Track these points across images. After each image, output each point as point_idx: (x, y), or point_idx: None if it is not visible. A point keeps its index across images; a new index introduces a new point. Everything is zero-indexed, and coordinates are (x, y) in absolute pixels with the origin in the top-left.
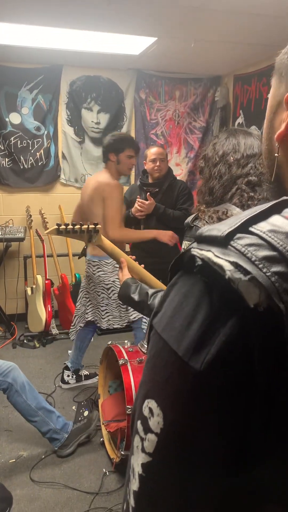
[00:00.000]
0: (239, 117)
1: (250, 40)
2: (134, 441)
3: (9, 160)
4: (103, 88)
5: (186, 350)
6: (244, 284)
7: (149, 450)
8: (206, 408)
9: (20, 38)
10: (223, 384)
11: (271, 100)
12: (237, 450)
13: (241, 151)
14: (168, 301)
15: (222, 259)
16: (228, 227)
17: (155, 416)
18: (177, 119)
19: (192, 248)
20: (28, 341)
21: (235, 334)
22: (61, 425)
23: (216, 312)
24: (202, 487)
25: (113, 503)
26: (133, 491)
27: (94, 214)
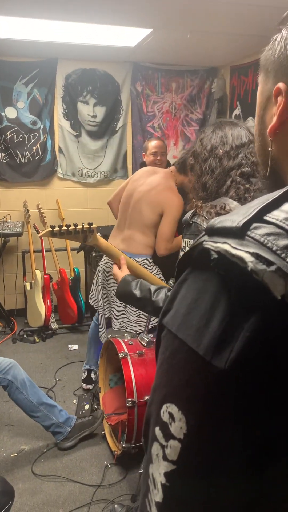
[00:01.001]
0: (236, 109)
1: (246, 31)
2: (153, 449)
3: (6, 155)
4: (99, 81)
5: (207, 348)
6: (269, 275)
7: (172, 457)
8: (231, 408)
9: (14, 31)
10: (248, 381)
11: (259, 97)
12: (264, 449)
13: (229, 142)
14: (179, 299)
15: (241, 250)
16: (243, 217)
17: (177, 421)
18: (174, 111)
19: (204, 242)
20: (28, 336)
21: (259, 329)
22: (64, 419)
23: (236, 306)
24: (230, 492)
25: (115, 495)
26: (155, 502)
27: (143, 216)
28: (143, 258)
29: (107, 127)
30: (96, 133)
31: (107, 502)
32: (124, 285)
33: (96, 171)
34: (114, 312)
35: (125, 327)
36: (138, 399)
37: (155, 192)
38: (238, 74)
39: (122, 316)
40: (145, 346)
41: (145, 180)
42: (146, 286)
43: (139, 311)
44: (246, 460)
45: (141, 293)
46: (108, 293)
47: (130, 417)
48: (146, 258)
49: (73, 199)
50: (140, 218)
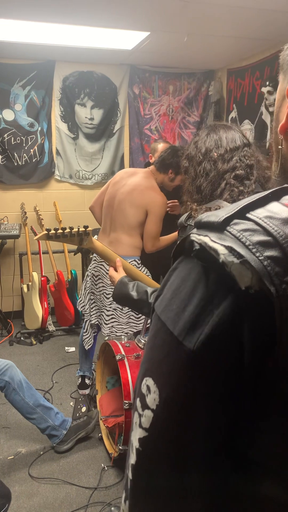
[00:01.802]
0: (233, 111)
1: (243, 34)
2: (134, 418)
3: (3, 157)
4: (97, 83)
5: (181, 330)
6: (236, 267)
7: (146, 425)
8: (198, 386)
9: (12, 34)
10: (215, 363)
11: (278, 95)
12: (229, 426)
13: (224, 145)
14: (168, 285)
15: (217, 243)
16: (226, 213)
17: (152, 393)
18: (171, 114)
19: (191, 234)
20: (25, 338)
21: (227, 315)
22: (59, 422)
23: (210, 294)
24: (196, 463)
25: (112, 497)
26: (131, 464)
27: (127, 217)
28: (132, 260)
29: (104, 130)
30: (94, 135)
31: (104, 504)
32: (121, 287)
33: (93, 173)
34: (104, 317)
35: (115, 331)
36: None
37: (137, 192)
38: (235, 77)
39: (112, 320)
40: (142, 348)
41: (126, 181)
42: (143, 288)
43: (129, 313)
44: (214, 437)
45: (138, 294)
46: (97, 298)
47: (127, 419)
48: (135, 259)
49: (70, 201)
50: (125, 220)
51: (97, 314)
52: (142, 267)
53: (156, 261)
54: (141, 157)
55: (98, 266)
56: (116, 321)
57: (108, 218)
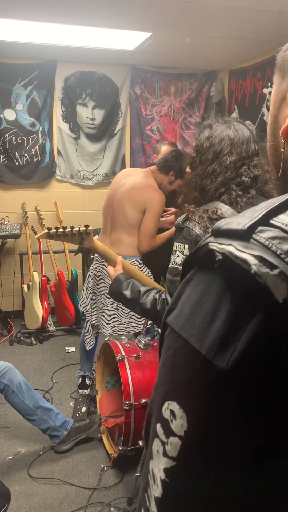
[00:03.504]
0: (234, 112)
1: (245, 35)
2: (153, 445)
3: (4, 156)
4: (98, 83)
5: (210, 348)
6: (272, 278)
7: (173, 454)
8: (232, 407)
9: (14, 34)
10: (249, 382)
11: (274, 96)
12: (264, 448)
13: (238, 151)
14: (184, 298)
15: (245, 253)
16: (249, 219)
17: (178, 418)
18: (173, 115)
19: (209, 243)
20: (25, 338)
21: (261, 331)
22: (60, 422)
23: (239, 308)
24: (228, 489)
25: (111, 498)
26: (154, 497)
27: (127, 216)
28: (133, 260)
29: (105, 130)
30: (95, 135)
31: (103, 505)
32: (116, 284)
33: (94, 174)
34: (105, 317)
35: (117, 330)
36: (135, 402)
37: (135, 191)
38: (236, 78)
39: (114, 320)
40: (142, 349)
41: (125, 180)
42: (136, 287)
43: (131, 313)
44: (245, 459)
45: (131, 294)
46: (98, 299)
47: (127, 420)
48: (136, 260)
49: (71, 201)
50: (124, 219)
51: (97, 314)
52: (143, 267)
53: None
54: (142, 158)
55: (100, 266)
56: (118, 320)
57: (108, 218)
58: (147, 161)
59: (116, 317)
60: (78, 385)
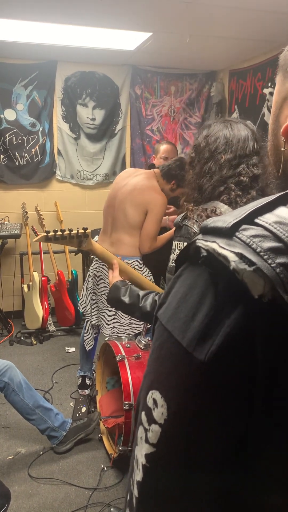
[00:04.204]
0: (234, 112)
1: (245, 35)
2: (138, 432)
3: (4, 156)
4: (98, 84)
5: (191, 341)
6: (248, 274)
7: (153, 441)
8: (209, 398)
9: (14, 34)
10: (226, 374)
11: (276, 96)
12: (239, 440)
13: (233, 149)
14: (173, 293)
15: (227, 250)
16: (234, 218)
17: (159, 407)
18: (173, 115)
19: (197, 240)
20: (25, 338)
21: (239, 325)
22: (59, 423)
23: (220, 303)
24: (205, 478)
25: (111, 498)
26: (136, 481)
27: (128, 217)
28: (133, 260)
29: (106, 130)
30: (95, 135)
31: (103, 505)
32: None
33: (94, 174)
34: (105, 318)
35: (117, 332)
36: (135, 402)
37: (137, 192)
38: (236, 78)
39: (114, 321)
40: (143, 349)
41: (127, 181)
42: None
43: None
44: (222, 450)
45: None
46: (98, 299)
47: (127, 420)
48: (137, 260)
49: (71, 202)
50: (125, 220)
51: (98, 315)
52: (144, 267)
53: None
54: (142, 158)
55: (100, 266)
56: (118, 321)
57: (109, 218)
58: (147, 161)
59: (116, 319)
60: (78, 385)
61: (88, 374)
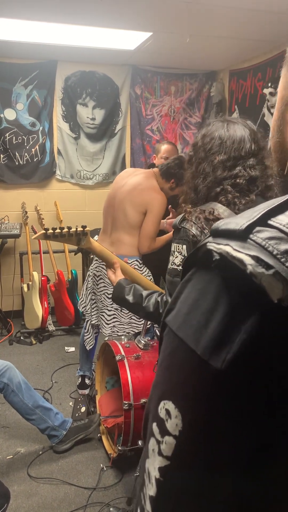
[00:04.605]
0: (234, 112)
1: (245, 35)
2: (149, 444)
3: (4, 156)
4: (98, 83)
5: (205, 348)
6: (267, 278)
7: (167, 453)
8: (227, 407)
9: (14, 33)
10: (245, 382)
11: (281, 92)
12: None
13: (228, 151)
14: (182, 298)
15: (242, 253)
16: (246, 220)
17: (173, 418)
18: (173, 115)
19: (207, 243)
20: (25, 338)
21: (256, 331)
22: (59, 422)
23: (236, 308)
24: (222, 490)
25: (111, 498)
26: (149, 496)
27: (128, 217)
28: (133, 260)
29: (106, 130)
30: (95, 135)
31: (102, 505)
32: (118, 290)
33: (94, 174)
34: (105, 317)
35: (117, 331)
36: (134, 402)
37: (137, 191)
38: (236, 78)
39: (114, 320)
40: (142, 349)
41: (126, 180)
42: (138, 291)
43: (131, 313)
44: (240, 460)
45: (133, 298)
46: (98, 299)
47: (126, 420)
48: (137, 259)
49: (71, 201)
50: (125, 219)
51: (97, 314)
52: (143, 267)
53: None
54: (142, 158)
55: (100, 266)
56: (118, 321)
57: (109, 218)
58: (147, 161)
59: (116, 318)
60: (78, 385)
61: (87, 373)
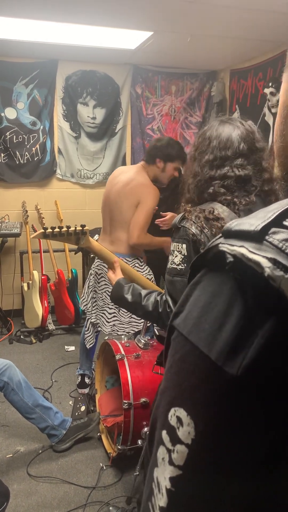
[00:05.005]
0: (235, 112)
1: (246, 35)
2: (158, 453)
3: (5, 155)
4: (99, 83)
5: (220, 353)
6: (286, 282)
7: (179, 462)
8: (242, 414)
9: (15, 32)
10: (261, 388)
11: (283, 97)
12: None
13: (215, 151)
14: (192, 301)
15: (258, 255)
16: (261, 221)
17: (185, 425)
18: (173, 114)
19: (220, 244)
20: (25, 337)
21: (274, 336)
22: (59, 421)
23: (251, 312)
24: (237, 498)
25: (110, 497)
26: (159, 506)
27: (123, 214)
28: (134, 258)
29: (106, 129)
30: (96, 134)
31: (102, 504)
32: (117, 289)
33: (95, 173)
34: (105, 315)
35: (117, 330)
36: (134, 401)
37: (129, 188)
38: (237, 78)
39: (114, 319)
40: (142, 348)
41: (119, 178)
42: (137, 290)
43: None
44: (255, 468)
45: (132, 297)
46: (98, 297)
47: (126, 419)
48: (137, 258)
49: (71, 201)
50: (122, 217)
51: (97, 313)
52: (144, 265)
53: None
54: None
55: (102, 264)
56: (118, 320)
57: (107, 217)
58: None
59: (116, 316)
60: (77, 384)
61: (87, 372)
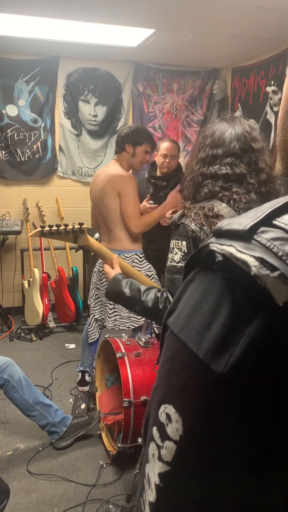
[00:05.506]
0: (237, 110)
1: (248, 33)
2: (149, 449)
3: (6, 152)
4: (101, 80)
5: (207, 351)
6: (272, 281)
7: (167, 458)
8: (229, 412)
9: (16, 29)
10: (247, 386)
11: (286, 90)
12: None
13: (207, 149)
14: (184, 300)
15: (246, 254)
16: (251, 220)
17: (174, 422)
18: (175, 112)
19: (210, 243)
20: (25, 334)
21: (261, 335)
22: (59, 419)
23: (239, 311)
24: (224, 496)
25: (110, 495)
26: (149, 502)
27: (110, 210)
28: (133, 253)
29: (108, 127)
30: (97, 132)
31: (102, 502)
32: (114, 284)
33: (96, 171)
34: (107, 311)
35: (118, 324)
36: (134, 399)
37: (105, 183)
38: (239, 76)
39: (115, 314)
40: (143, 346)
41: (98, 179)
42: (136, 285)
43: None
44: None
45: (130, 292)
46: (101, 293)
47: (126, 417)
48: (136, 253)
49: (72, 198)
50: (111, 214)
51: (101, 309)
52: (144, 261)
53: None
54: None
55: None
56: (118, 315)
57: (100, 219)
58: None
59: (116, 312)
60: (78, 382)
61: (88, 370)
